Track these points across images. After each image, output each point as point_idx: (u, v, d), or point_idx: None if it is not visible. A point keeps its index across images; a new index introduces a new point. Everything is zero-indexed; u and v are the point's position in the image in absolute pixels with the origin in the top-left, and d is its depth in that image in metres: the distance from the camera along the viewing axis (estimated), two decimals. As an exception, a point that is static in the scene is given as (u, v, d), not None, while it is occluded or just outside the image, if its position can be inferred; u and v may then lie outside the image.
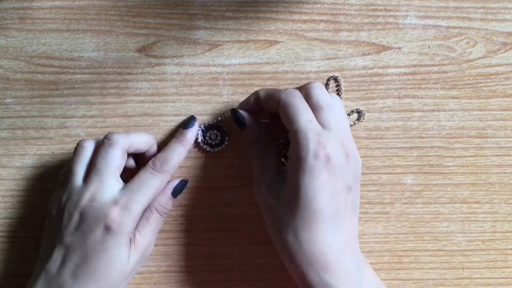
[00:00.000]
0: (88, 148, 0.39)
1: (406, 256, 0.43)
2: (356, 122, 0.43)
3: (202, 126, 0.43)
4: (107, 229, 0.37)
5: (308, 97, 0.38)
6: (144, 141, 0.41)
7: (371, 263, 0.43)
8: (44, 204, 0.43)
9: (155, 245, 0.42)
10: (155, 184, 0.39)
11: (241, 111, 0.41)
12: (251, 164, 0.40)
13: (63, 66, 0.43)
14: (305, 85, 0.38)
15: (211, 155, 0.43)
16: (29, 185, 0.43)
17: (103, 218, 0.37)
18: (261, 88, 0.41)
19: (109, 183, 0.38)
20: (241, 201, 0.43)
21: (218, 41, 0.44)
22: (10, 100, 0.43)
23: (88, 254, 0.36)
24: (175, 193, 0.41)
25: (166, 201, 0.40)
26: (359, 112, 0.43)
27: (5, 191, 0.43)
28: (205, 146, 0.43)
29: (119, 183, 0.39)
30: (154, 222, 0.40)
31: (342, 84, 0.43)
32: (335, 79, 0.43)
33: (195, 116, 0.42)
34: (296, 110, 0.36)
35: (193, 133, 0.41)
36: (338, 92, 0.43)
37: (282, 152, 0.42)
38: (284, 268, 0.42)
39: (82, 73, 0.43)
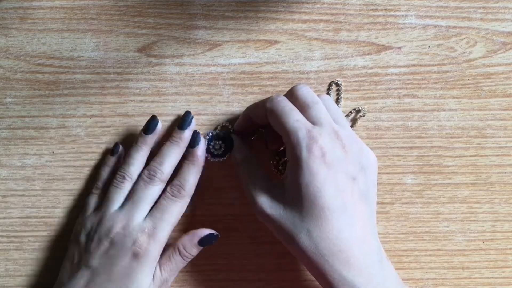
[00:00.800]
0: (128, 183, 0.40)
1: (406, 256, 0.43)
2: (361, 116, 0.43)
3: (208, 136, 0.42)
4: (135, 255, 0.38)
5: (294, 100, 0.38)
6: (177, 159, 0.41)
7: (371, 263, 0.43)
8: (44, 204, 0.43)
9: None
10: (176, 210, 0.40)
11: (232, 135, 0.42)
12: (243, 186, 0.39)
13: (63, 66, 0.43)
14: (290, 89, 0.39)
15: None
16: (29, 185, 0.43)
17: (132, 245, 0.38)
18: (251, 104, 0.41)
19: (140, 213, 0.39)
20: (241, 201, 0.43)
21: (218, 41, 0.44)
22: (10, 99, 0.43)
23: (112, 278, 0.38)
24: (202, 243, 0.41)
25: (190, 246, 0.40)
26: (358, 111, 0.43)
27: (5, 191, 0.43)
28: (211, 158, 0.42)
29: (146, 212, 0.40)
30: (175, 262, 0.40)
31: (343, 89, 0.43)
32: (337, 84, 0.43)
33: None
34: (283, 113, 0.36)
35: (202, 150, 0.41)
36: (338, 98, 0.43)
37: (279, 163, 0.42)
38: (284, 268, 0.42)
39: (82, 73, 0.43)
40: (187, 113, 0.41)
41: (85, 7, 0.43)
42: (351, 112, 0.43)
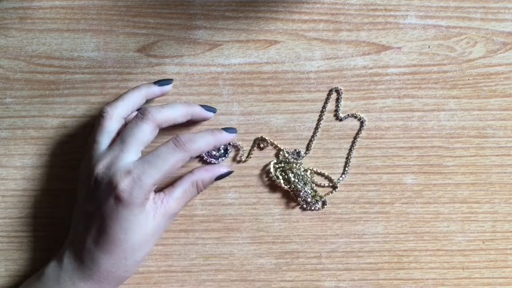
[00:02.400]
0: (114, 119, 0.39)
1: (406, 256, 0.43)
2: (359, 132, 0.43)
3: None
4: (118, 199, 0.36)
5: None
6: (181, 114, 0.40)
7: (371, 263, 0.43)
8: (44, 204, 0.43)
9: (156, 244, 0.42)
10: (173, 161, 0.38)
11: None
12: None
13: (63, 66, 0.43)
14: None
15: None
16: (29, 185, 0.43)
17: (114, 187, 0.36)
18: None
19: (128, 153, 0.38)
20: (241, 201, 0.43)
21: (218, 41, 0.44)
22: (10, 100, 0.43)
23: (105, 221, 0.37)
24: (219, 178, 0.42)
25: (208, 180, 0.41)
26: (360, 120, 0.43)
27: (5, 191, 0.43)
28: (207, 158, 0.43)
29: (138, 155, 0.38)
30: (189, 195, 0.40)
31: (343, 96, 0.43)
32: (337, 91, 0.43)
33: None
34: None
35: (230, 136, 0.42)
36: (337, 108, 0.43)
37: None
38: (284, 268, 0.42)
39: (82, 73, 0.43)
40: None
41: (85, 7, 0.43)
42: (352, 116, 0.43)
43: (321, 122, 0.43)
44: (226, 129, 0.42)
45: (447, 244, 0.43)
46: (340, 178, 0.43)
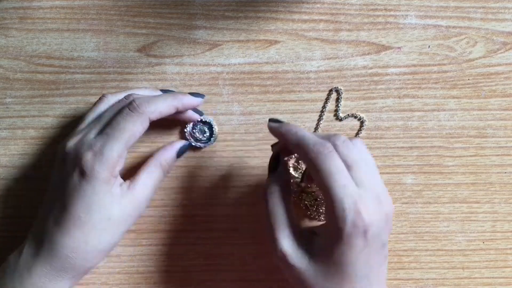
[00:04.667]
0: (110, 103, 0.39)
1: (406, 256, 0.43)
2: (359, 132, 0.43)
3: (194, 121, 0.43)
4: (81, 173, 0.35)
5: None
6: (171, 105, 0.39)
7: (371, 263, 0.43)
8: (44, 204, 0.43)
9: (156, 244, 0.42)
10: (130, 127, 0.36)
11: (282, 159, 0.38)
12: (266, 218, 0.36)
13: (63, 65, 0.43)
14: (329, 137, 0.35)
15: (210, 154, 0.43)
16: (29, 185, 0.43)
17: (78, 161, 0.35)
18: (290, 124, 0.36)
19: (96, 130, 0.37)
20: (241, 201, 0.43)
21: (218, 41, 0.44)
22: (10, 99, 0.43)
23: (67, 198, 0.35)
24: (179, 153, 0.41)
25: (170, 158, 0.40)
26: (360, 120, 0.43)
27: (5, 191, 0.43)
28: (194, 143, 0.42)
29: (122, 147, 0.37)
30: (155, 177, 0.39)
31: (343, 95, 0.43)
32: (337, 91, 0.43)
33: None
34: (329, 175, 0.32)
35: (193, 100, 0.40)
36: (337, 108, 0.43)
37: (303, 201, 0.42)
38: (284, 268, 0.42)
39: (82, 73, 0.43)
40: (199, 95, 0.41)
41: (85, 7, 0.43)
42: (351, 115, 0.43)
43: (321, 122, 0.43)
44: (192, 94, 0.41)
45: (447, 244, 0.43)
46: None
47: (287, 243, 0.34)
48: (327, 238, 0.33)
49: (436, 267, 0.43)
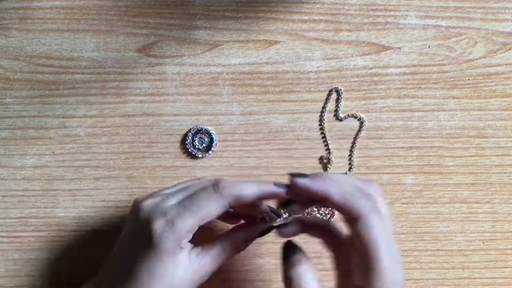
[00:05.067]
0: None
1: (406, 256, 0.43)
2: (359, 132, 0.43)
3: (193, 130, 0.43)
4: (147, 240, 0.34)
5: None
6: (254, 193, 0.35)
7: (371, 263, 0.43)
8: (44, 204, 0.43)
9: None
10: (210, 206, 0.34)
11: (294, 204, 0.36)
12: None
13: (63, 66, 0.43)
14: (371, 196, 0.33)
15: (210, 154, 0.43)
16: (29, 185, 0.43)
17: (148, 226, 0.34)
18: (323, 175, 0.34)
19: (175, 199, 0.35)
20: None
21: (218, 41, 0.44)
22: (10, 100, 0.43)
23: (133, 264, 0.34)
24: (262, 234, 0.37)
25: (250, 241, 0.37)
26: (360, 120, 0.43)
27: (5, 191, 0.43)
28: (193, 151, 0.43)
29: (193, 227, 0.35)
30: (227, 254, 0.36)
31: (343, 96, 0.43)
32: (337, 91, 0.43)
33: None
34: (375, 242, 0.31)
35: (277, 190, 0.35)
36: (337, 108, 0.43)
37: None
38: (284, 268, 0.42)
39: (82, 73, 0.43)
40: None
41: (85, 7, 0.43)
42: (353, 116, 0.43)
43: (324, 123, 0.43)
44: (275, 184, 0.36)
45: (447, 244, 0.43)
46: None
47: None
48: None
49: (436, 267, 0.43)
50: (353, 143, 0.43)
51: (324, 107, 0.43)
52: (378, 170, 0.43)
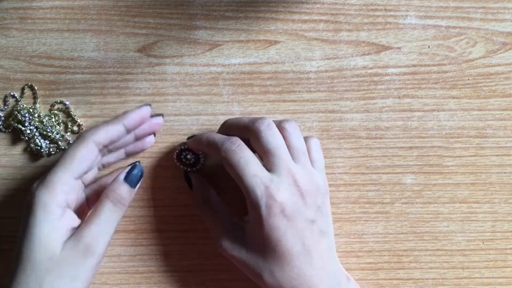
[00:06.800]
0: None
1: (406, 255, 0.43)
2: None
3: (176, 151, 0.42)
4: (27, 203, 0.35)
5: (255, 141, 0.37)
6: (114, 124, 0.38)
7: (370, 263, 0.43)
8: (44, 204, 0.43)
9: (156, 244, 0.43)
10: (75, 154, 0.35)
11: (191, 175, 0.41)
12: (207, 225, 0.41)
13: (63, 66, 0.43)
14: (253, 125, 0.37)
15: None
16: (29, 185, 0.43)
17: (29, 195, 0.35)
18: (201, 134, 0.40)
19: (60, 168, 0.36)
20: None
21: (218, 41, 0.44)
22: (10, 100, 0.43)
23: (19, 235, 0.35)
24: (130, 180, 0.37)
25: (118, 187, 0.37)
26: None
27: (5, 191, 0.43)
28: (183, 167, 0.42)
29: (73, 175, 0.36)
30: (104, 213, 0.35)
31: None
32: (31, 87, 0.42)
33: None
34: (239, 167, 0.36)
35: (137, 113, 0.39)
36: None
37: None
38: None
39: (82, 73, 0.43)
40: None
41: (85, 7, 0.43)
42: None
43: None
44: (139, 107, 0.40)
45: (447, 244, 0.43)
46: None
47: (224, 238, 0.38)
48: (253, 225, 0.36)
49: (436, 267, 0.43)
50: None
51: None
52: (378, 170, 0.43)
